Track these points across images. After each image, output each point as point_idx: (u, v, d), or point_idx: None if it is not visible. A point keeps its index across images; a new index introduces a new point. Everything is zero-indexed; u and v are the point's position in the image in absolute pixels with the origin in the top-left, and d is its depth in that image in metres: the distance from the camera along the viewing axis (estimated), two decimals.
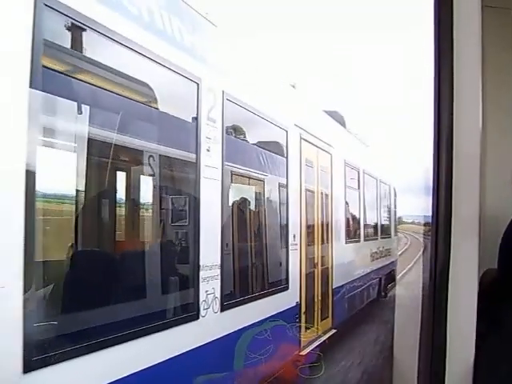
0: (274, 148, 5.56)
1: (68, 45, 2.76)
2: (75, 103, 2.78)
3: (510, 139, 1.82)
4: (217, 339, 3.99)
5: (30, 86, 2.36)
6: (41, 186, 2.45)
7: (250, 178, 5.13)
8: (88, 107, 2.90)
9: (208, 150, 3.92)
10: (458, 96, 1.38)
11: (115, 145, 3.17)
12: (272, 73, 5.84)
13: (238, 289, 4.59)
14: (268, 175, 5.39)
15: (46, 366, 2.46)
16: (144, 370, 3.09)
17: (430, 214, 1.47)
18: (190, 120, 3.86)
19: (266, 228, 5.35)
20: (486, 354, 1.31)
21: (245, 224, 4.99)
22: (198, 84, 3.78)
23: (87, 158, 3.02)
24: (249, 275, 4.87)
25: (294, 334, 5.75)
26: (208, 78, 3.92)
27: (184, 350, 3.55)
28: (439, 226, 1.40)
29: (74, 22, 2.66)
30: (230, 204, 4.63)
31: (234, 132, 4.70)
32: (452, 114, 1.38)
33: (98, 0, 2.84)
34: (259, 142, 5.30)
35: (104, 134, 3.10)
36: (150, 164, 3.54)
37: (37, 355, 2.41)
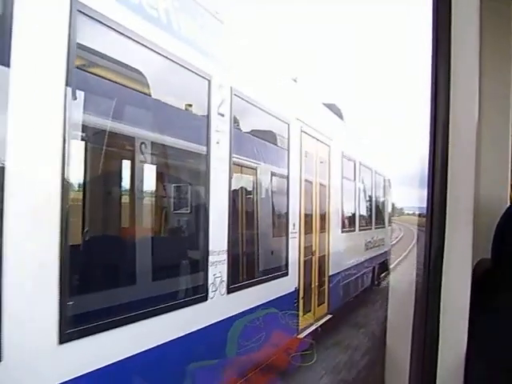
0: (276, 140, 5.82)
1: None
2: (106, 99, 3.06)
3: (505, 130, 1.78)
4: (222, 320, 4.28)
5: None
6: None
7: (252, 168, 5.37)
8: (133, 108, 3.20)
9: (217, 143, 4.18)
10: (454, 86, 1.38)
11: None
12: (275, 67, 6.06)
13: (242, 273, 4.87)
14: (270, 166, 5.66)
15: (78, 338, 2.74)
16: (155, 347, 3.36)
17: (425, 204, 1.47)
18: (204, 115, 4.11)
19: (268, 217, 5.63)
20: (479, 343, 1.32)
21: (248, 212, 5.25)
22: (209, 81, 4.03)
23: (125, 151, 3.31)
24: (252, 261, 5.14)
25: (292, 317, 6.06)
26: (218, 74, 4.17)
27: (193, 330, 3.83)
28: (434, 216, 1.40)
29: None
30: (236, 193, 4.88)
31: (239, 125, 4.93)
32: (448, 104, 1.37)
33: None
34: (263, 133, 5.55)
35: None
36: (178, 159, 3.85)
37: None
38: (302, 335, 6.26)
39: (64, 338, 2.64)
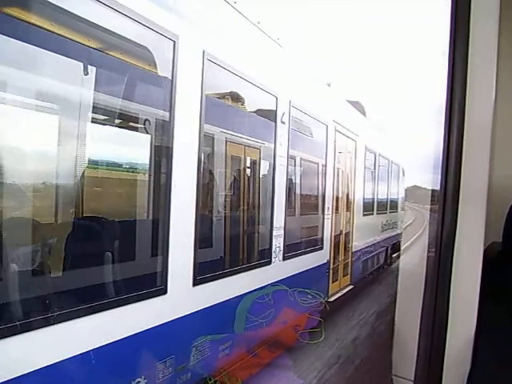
0: (319, 139, 7.08)
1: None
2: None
3: None
4: (280, 279, 5.59)
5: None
6: None
7: (302, 160, 6.63)
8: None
9: (280, 144, 5.46)
10: (471, 69, 1.36)
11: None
12: (315, 75, 7.27)
13: (293, 245, 6.16)
14: (315, 158, 6.94)
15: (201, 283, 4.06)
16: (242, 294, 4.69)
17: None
18: (273, 123, 5.39)
19: (311, 200, 6.93)
20: (487, 324, 1.32)
21: (296, 196, 6.49)
22: (276, 98, 5.29)
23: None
24: (299, 235, 6.44)
25: (325, 283, 7.41)
26: (282, 92, 5.42)
27: (263, 285, 5.16)
28: (447, 197, 1.38)
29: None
30: (290, 181, 6.14)
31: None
32: (465, 88, 1.36)
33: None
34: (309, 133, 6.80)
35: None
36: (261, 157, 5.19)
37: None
38: (331, 298, 7.60)
39: (195, 282, 3.97)
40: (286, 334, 5.44)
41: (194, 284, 3.97)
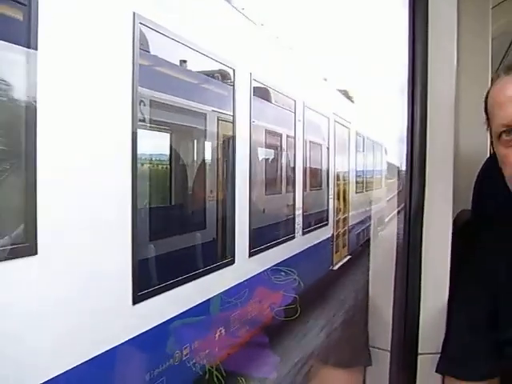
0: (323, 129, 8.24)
1: None
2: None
3: (484, 81, 1.71)
4: (302, 251, 6.78)
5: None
6: None
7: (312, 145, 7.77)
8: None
9: (298, 139, 6.64)
10: (432, 41, 1.35)
11: None
12: (317, 73, 8.39)
13: (309, 222, 7.32)
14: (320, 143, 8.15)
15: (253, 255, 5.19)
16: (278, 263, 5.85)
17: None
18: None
19: (318, 179, 8.16)
20: (459, 292, 1.36)
21: (308, 176, 7.59)
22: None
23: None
24: (312, 214, 7.60)
25: (330, 253, 8.66)
26: (298, 97, 6.56)
27: (291, 255, 6.33)
28: (414, 168, 1.39)
29: None
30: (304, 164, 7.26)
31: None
32: (427, 57, 1.35)
33: None
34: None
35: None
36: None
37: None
38: (335, 267, 8.84)
39: (250, 255, 5.11)
40: None
41: (250, 256, 5.11)
